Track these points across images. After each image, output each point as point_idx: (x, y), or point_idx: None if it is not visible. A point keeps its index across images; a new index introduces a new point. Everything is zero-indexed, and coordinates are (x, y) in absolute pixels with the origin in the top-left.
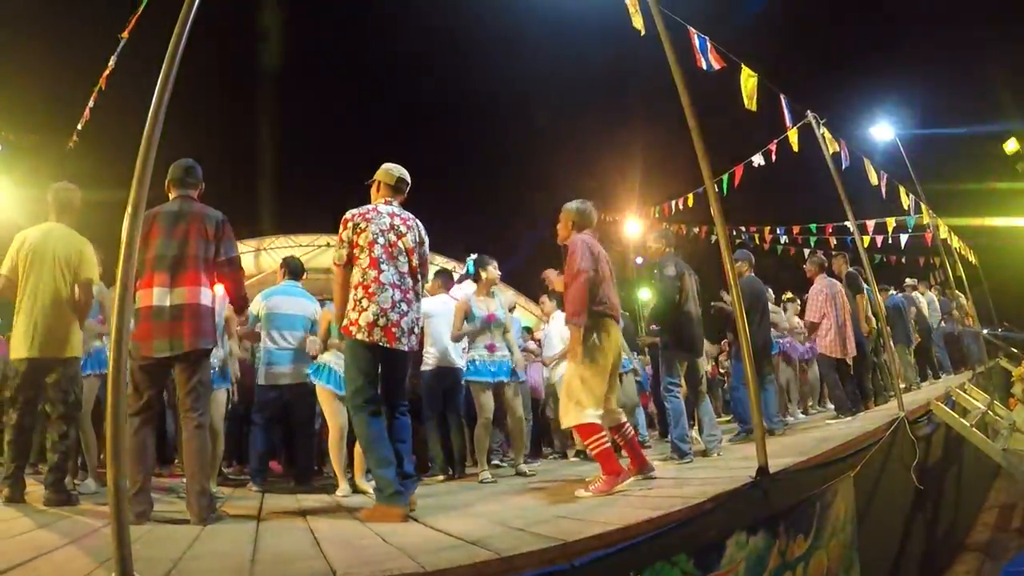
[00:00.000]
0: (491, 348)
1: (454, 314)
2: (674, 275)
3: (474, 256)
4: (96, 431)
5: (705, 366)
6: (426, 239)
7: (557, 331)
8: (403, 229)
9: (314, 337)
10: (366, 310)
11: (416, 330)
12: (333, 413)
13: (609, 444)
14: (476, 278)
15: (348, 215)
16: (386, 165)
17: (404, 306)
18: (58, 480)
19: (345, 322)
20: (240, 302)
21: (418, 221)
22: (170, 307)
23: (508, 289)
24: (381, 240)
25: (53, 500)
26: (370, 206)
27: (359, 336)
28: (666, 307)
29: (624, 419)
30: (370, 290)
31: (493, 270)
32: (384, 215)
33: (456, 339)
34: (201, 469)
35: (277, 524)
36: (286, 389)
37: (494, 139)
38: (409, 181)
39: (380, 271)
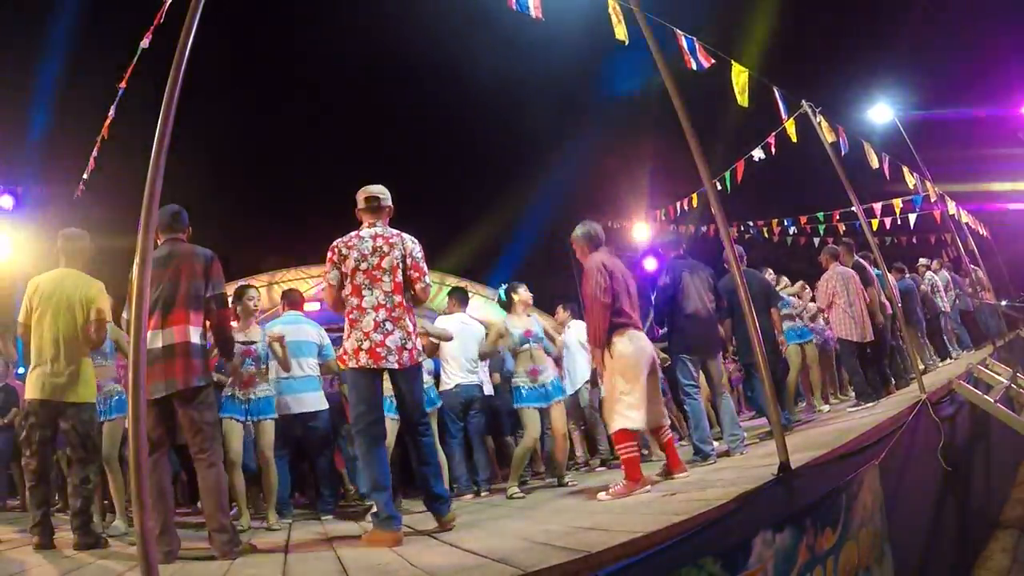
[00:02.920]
0: (533, 373)
1: (488, 334)
2: (666, 283)
3: (504, 286)
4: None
5: (721, 365)
6: (413, 250)
7: (574, 339)
8: (386, 248)
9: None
10: (350, 337)
11: (408, 345)
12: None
13: (637, 453)
14: (508, 304)
15: (333, 244)
16: (362, 188)
17: (389, 325)
18: (84, 524)
19: (340, 352)
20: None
21: (405, 236)
22: (162, 348)
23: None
24: (363, 265)
25: (82, 544)
26: (353, 233)
27: (350, 363)
28: (660, 314)
29: (666, 422)
30: (352, 316)
31: (524, 292)
32: (366, 239)
33: (483, 357)
34: (217, 507)
35: (304, 553)
36: (298, 418)
37: (497, 155)
38: (380, 195)
39: (362, 297)
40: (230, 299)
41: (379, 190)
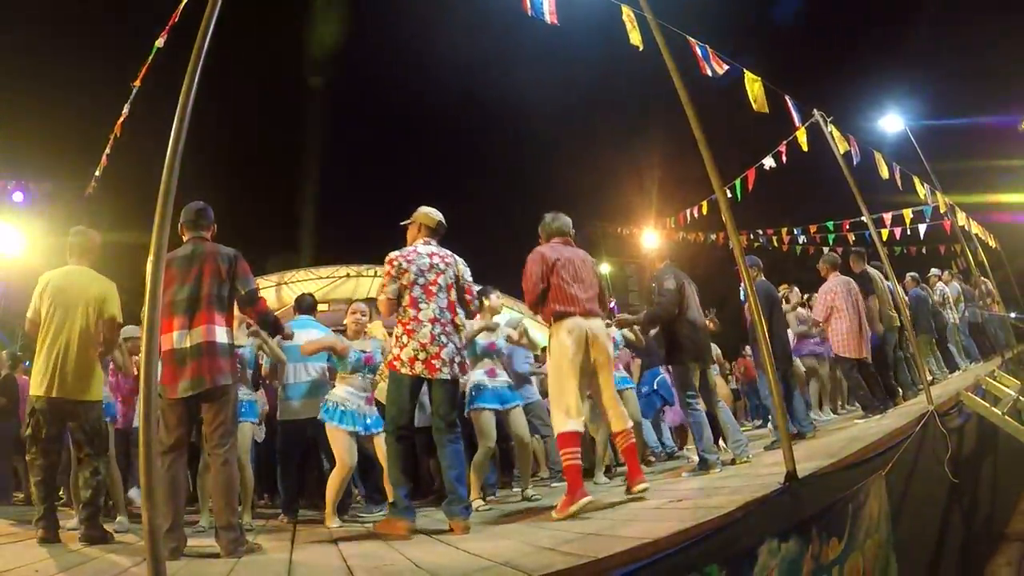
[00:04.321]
0: (491, 373)
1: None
2: (673, 287)
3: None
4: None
5: (714, 374)
6: (465, 272)
7: None
8: (442, 266)
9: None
10: (407, 346)
11: (457, 359)
12: (343, 450)
13: (577, 461)
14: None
15: (392, 256)
16: (425, 209)
17: (444, 338)
18: (92, 516)
19: (389, 358)
20: (270, 328)
21: (457, 257)
22: (189, 348)
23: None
24: (421, 280)
25: (89, 537)
26: (411, 248)
27: (403, 370)
28: (665, 321)
29: (627, 425)
30: (409, 327)
31: (495, 299)
32: (424, 255)
33: None
34: (228, 504)
35: (310, 553)
36: (308, 423)
37: (508, 163)
38: (446, 225)
39: (419, 309)
40: None
41: (443, 216)
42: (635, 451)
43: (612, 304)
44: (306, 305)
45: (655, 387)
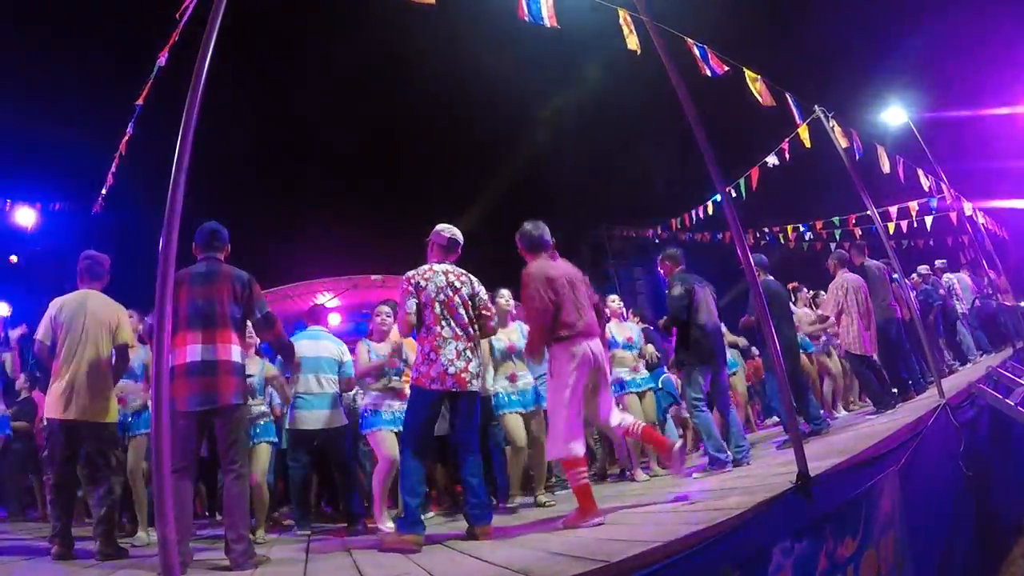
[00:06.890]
0: (512, 378)
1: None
2: (679, 294)
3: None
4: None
5: (727, 377)
6: (480, 290)
7: None
8: (458, 284)
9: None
10: (435, 362)
11: (480, 373)
12: (389, 449)
13: (587, 481)
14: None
15: (408, 275)
16: (439, 226)
17: (468, 353)
18: (107, 532)
19: (415, 375)
20: (285, 351)
21: (471, 275)
22: (203, 362)
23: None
24: (441, 297)
25: (105, 553)
26: (426, 266)
27: (433, 387)
28: (676, 324)
29: (628, 421)
30: (436, 343)
31: (503, 303)
32: (440, 273)
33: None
34: (240, 518)
35: (323, 565)
36: (316, 434)
37: (510, 163)
38: (460, 240)
39: (442, 327)
40: None
41: (457, 232)
42: (651, 429)
43: (623, 311)
44: (316, 315)
45: (659, 385)
